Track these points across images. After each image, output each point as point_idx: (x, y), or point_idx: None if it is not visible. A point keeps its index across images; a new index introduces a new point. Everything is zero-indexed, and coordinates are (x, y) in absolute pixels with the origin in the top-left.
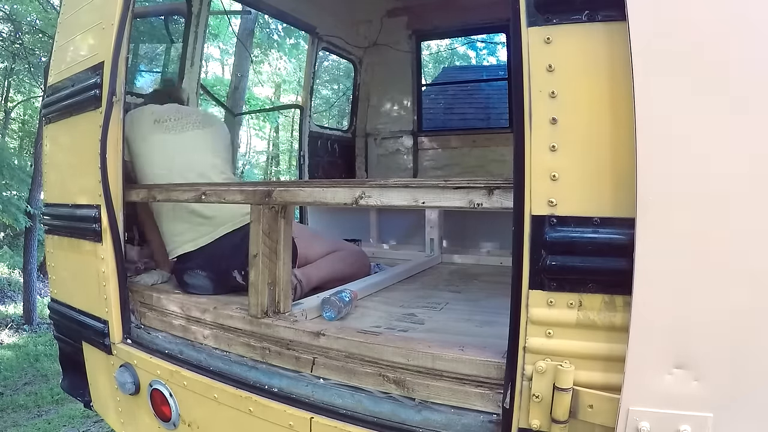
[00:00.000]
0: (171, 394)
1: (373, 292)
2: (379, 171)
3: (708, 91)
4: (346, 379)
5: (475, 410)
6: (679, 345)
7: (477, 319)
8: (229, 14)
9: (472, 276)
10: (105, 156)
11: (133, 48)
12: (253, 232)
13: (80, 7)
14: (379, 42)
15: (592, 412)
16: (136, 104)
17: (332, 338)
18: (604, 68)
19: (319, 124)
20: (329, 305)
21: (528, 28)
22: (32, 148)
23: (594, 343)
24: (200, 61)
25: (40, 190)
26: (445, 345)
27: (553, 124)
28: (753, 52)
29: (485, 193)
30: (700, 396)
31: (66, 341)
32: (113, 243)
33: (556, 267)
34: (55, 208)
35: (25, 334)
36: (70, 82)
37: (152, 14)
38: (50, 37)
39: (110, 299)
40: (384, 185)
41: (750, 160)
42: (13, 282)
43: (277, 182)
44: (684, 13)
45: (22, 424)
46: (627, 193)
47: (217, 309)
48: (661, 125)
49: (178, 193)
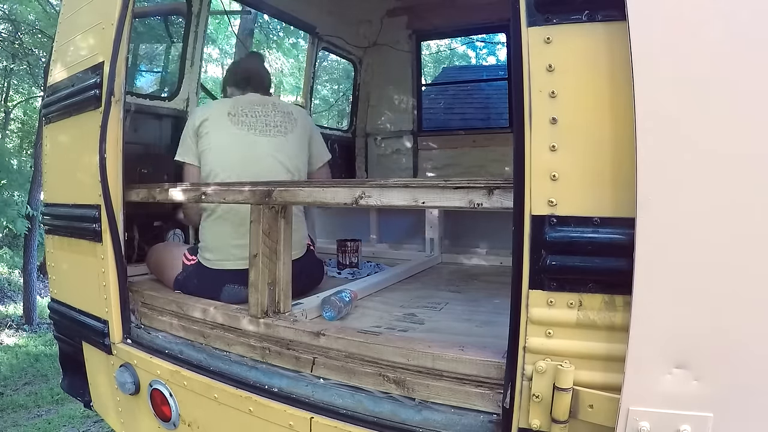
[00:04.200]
0: (171, 394)
1: (373, 292)
2: (379, 171)
3: (708, 91)
4: (346, 379)
5: (475, 410)
6: (679, 345)
7: (477, 319)
8: (229, 14)
9: (472, 276)
10: (105, 156)
11: (133, 48)
12: (253, 232)
13: (80, 7)
14: (379, 42)
15: (592, 412)
16: (136, 104)
17: (332, 338)
18: (604, 68)
19: (319, 124)
20: (329, 305)
21: (528, 28)
22: (32, 148)
23: (594, 343)
24: (200, 61)
25: (40, 190)
26: (445, 345)
27: (553, 124)
28: (753, 51)
29: (485, 193)
30: (700, 396)
31: (66, 341)
32: (113, 243)
33: (556, 267)
34: (55, 208)
35: (25, 334)
36: (70, 82)
37: (152, 14)
38: (50, 37)
39: (110, 299)
40: (384, 185)
41: (750, 159)
42: (13, 282)
43: (277, 182)
44: (684, 12)
45: (22, 424)
46: (627, 193)
47: (217, 309)
48: (661, 125)
49: (178, 192)
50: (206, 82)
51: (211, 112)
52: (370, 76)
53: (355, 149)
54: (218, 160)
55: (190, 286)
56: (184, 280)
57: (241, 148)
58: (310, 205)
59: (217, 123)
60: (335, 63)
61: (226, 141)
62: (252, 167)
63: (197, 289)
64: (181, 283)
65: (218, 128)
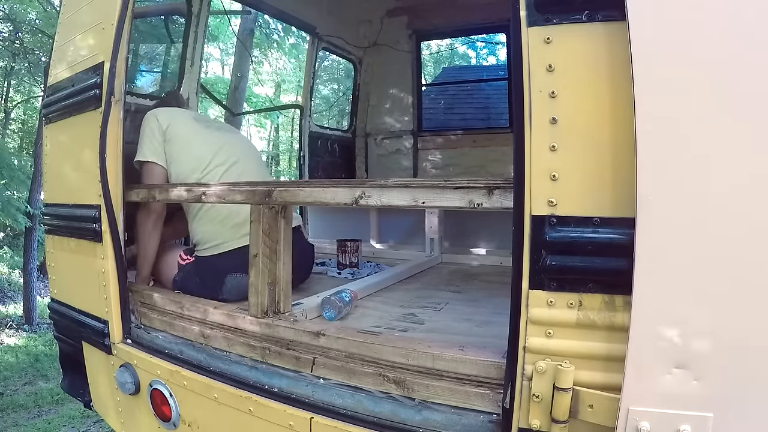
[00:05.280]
0: (171, 394)
1: (373, 292)
2: (379, 171)
3: (708, 91)
4: (346, 379)
5: (475, 410)
6: (679, 345)
7: (477, 319)
8: (229, 14)
9: (472, 276)
10: (105, 156)
11: (133, 48)
12: (253, 232)
13: (80, 7)
14: (379, 42)
15: (592, 412)
16: (136, 104)
17: (332, 338)
18: (604, 68)
19: (319, 124)
20: (329, 305)
21: (528, 28)
22: (32, 148)
23: (594, 343)
24: (200, 61)
25: (40, 190)
26: (445, 345)
27: (553, 124)
28: (753, 51)
29: (485, 193)
30: (700, 396)
31: (66, 341)
32: (113, 243)
33: (556, 267)
34: (55, 208)
35: (25, 334)
36: (70, 82)
37: (152, 14)
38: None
39: (110, 299)
40: (384, 185)
41: (750, 159)
42: (13, 282)
43: (276, 182)
44: (684, 12)
45: (22, 424)
46: (627, 193)
47: (217, 309)
48: (661, 125)
49: (178, 192)
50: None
51: (175, 116)
52: (370, 76)
53: (355, 149)
54: (195, 156)
55: (190, 285)
56: (182, 280)
57: (218, 142)
58: (310, 205)
59: (186, 125)
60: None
61: (197, 139)
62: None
63: (199, 286)
64: (179, 283)
65: (188, 130)
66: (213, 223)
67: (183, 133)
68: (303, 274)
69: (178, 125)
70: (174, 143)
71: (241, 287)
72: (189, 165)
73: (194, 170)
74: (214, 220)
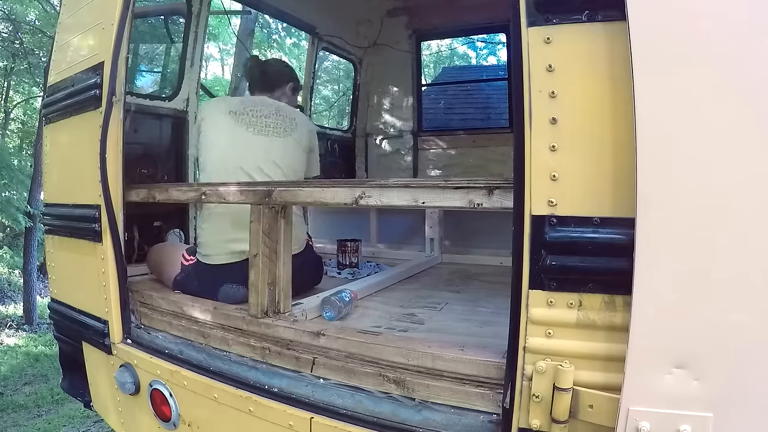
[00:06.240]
0: (171, 394)
1: (373, 292)
2: (379, 171)
3: (708, 91)
4: (346, 379)
5: (475, 410)
6: (679, 345)
7: (477, 319)
8: (229, 14)
9: (472, 276)
10: (105, 156)
11: (133, 48)
12: (253, 232)
13: (80, 7)
14: (379, 42)
15: (592, 412)
16: (136, 104)
17: (332, 338)
18: (604, 68)
19: (319, 124)
20: (329, 305)
21: (528, 28)
22: (32, 148)
23: (594, 343)
24: (200, 61)
25: (40, 190)
26: (445, 345)
27: (553, 124)
28: (753, 51)
29: (485, 193)
30: (700, 396)
31: (66, 341)
32: (113, 243)
33: (556, 267)
34: (55, 208)
35: (25, 334)
36: (70, 82)
37: (152, 14)
38: (50, 37)
39: (110, 299)
40: (384, 185)
41: (750, 159)
42: (13, 282)
43: (276, 182)
44: (684, 12)
45: (22, 424)
46: (627, 193)
47: (217, 309)
48: (661, 125)
49: (178, 192)
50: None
51: (211, 109)
52: (370, 76)
53: (355, 149)
54: (209, 153)
55: (190, 286)
56: (183, 280)
57: (232, 144)
58: (310, 205)
59: (215, 119)
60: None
61: (218, 136)
62: (241, 162)
63: (197, 289)
64: (180, 283)
65: (214, 124)
66: (211, 232)
67: (211, 132)
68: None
69: (210, 120)
70: (203, 140)
71: (236, 297)
72: (211, 166)
73: (217, 170)
74: (212, 229)
